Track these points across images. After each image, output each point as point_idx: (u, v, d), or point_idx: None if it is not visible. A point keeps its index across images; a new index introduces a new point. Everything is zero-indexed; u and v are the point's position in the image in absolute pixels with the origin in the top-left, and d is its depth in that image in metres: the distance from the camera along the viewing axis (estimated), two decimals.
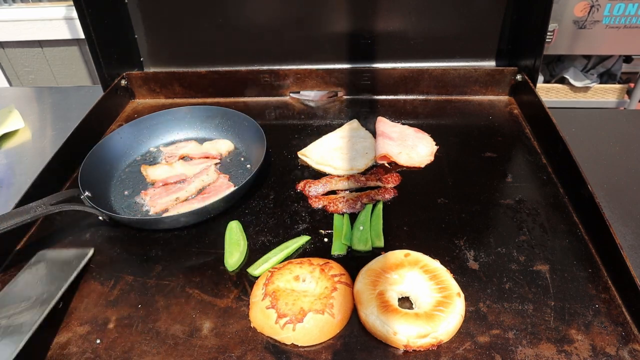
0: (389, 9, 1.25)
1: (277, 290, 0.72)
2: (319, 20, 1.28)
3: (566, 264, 0.79)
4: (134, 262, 0.85)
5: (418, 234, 0.86)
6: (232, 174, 1.04)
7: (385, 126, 1.14)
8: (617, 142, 1.13)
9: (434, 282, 0.72)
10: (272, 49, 1.34)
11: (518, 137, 1.12)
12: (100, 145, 1.04)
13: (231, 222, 0.89)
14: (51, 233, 0.91)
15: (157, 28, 1.34)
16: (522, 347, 0.66)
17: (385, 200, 0.94)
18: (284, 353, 0.67)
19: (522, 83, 1.23)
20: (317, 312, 0.68)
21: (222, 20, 1.30)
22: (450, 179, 1.00)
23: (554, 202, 0.92)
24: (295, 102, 1.32)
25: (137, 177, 1.05)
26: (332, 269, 0.75)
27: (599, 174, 1.02)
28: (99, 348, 0.70)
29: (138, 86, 1.35)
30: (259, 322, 0.70)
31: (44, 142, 1.26)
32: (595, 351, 0.66)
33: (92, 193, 0.92)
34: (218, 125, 1.16)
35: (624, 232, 0.88)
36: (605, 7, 2.11)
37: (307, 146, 1.10)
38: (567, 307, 0.72)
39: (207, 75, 1.32)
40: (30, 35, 2.40)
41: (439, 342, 0.66)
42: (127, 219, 0.90)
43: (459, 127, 1.18)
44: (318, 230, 0.88)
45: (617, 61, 2.48)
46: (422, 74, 1.27)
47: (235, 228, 0.88)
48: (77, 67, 2.55)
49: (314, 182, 0.99)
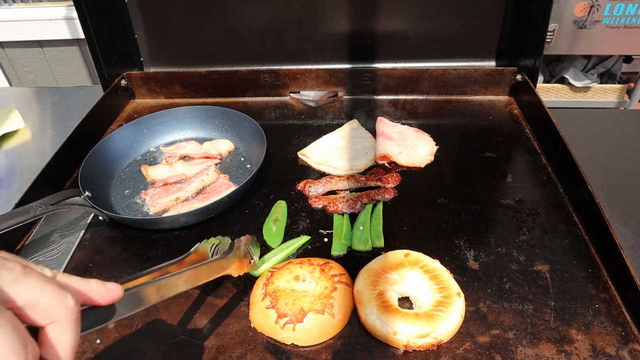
0: (389, 9, 1.25)
1: (277, 290, 0.72)
2: (319, 20, 1.28)
3: (566, 264, 0.79)
4: (134, 262, 0.85)
5: (418, 234, 0.86)
6: (232, 174, 1.04)
7: (385, 126, 1.14)
8: (617, 142, 1.13)
9: (434, 282, 0.72)
10: (272, 49, 1.34)
11: (518, 137, 1.12)
12: (100, 145, 1.04)
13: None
14: (51, 233, 0.91)
15: (157, 28, 1.34)
16: (522, 347, 0.66)
17: (385, 200, 0.94)
18: (284, 353, 0.67)
19: (522, 83, 1.23)
20: (317, 312, 0.68)
21: (223, 20, 1.30)
22: (450, 179, 1.00)
23: (554, 202, 0.92)
24: (295, 102, 1.32)
25: (137, 177, 1.05)
26: (332, 269, 0.75)
27: (599, 174, 1.02)
28: (99, 348, 0.70)
29: (138, 86, 1.35)
30: (259, 322, 0.70)
31: (44, 142, 1.26)
32: (595, 351, 0.66)
33: (92, 193, 0.92)
34: (218, 125, 1.16)
35: (624, 232, 0.88)
36: (605, 7, 2.11)
37: (307, 146, 1.10)
38: (567, 307, 0.72)
39: (207, 75, 1.32)
40: (30, 35, 2.39)
41: (439, 342, 0.66)
42: (127, 219, 0.90)
43: (459, 127, 1.18)
44: (318, 230, 0.88)
45: (617, 61, 2.48)
46: (422, 74, 1.27)
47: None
48: (77, 67, 2.55)
49: (314, 182, 0.99)
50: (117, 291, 0.42)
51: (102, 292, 0.41)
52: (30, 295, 0.34)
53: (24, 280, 0.34)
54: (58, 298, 0.35)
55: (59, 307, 0.35)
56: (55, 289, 0.35)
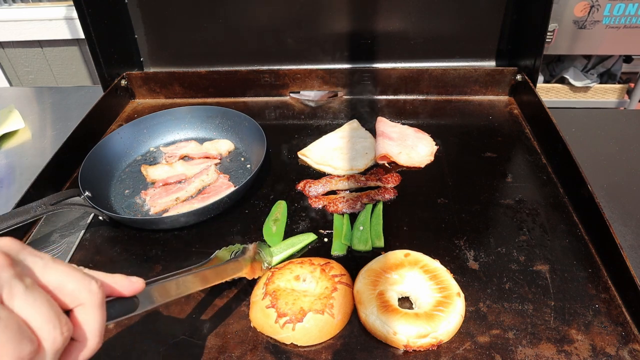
0: (389, 9, 1.25)
1: (278, 289, 0.72)
2: (319, 20, 1.28)
3: (566, 264, 0.79)
4: (134, 262, 0.85)
5: (418, 234, 0.86)
6: (232, 174, 1.04)
7: (385, 126, 1.14)
8: (617, 142, 1.13)
9: (434, 282, 0.72)
10: (272, 49, 1.34)
11: (518, 137, 1.12)
12: (100, 145, 1.04)
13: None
14: (51, 233, 0.91)
15: (157, 28, 1.34)
16: (522, 347, 0.66)
17: (385, 200, 0.94)
18: (284, 353, 0.67)
19: (522, 83, 1.23)
20: (317, 312, 0.68)
21: (223, 20, 1.30)
22: (450, 179, 1.00)
23: (554, 202, 0.92)
24: (295, 102, 1.32)
25: (137, 177, 1.05)
26: (332, 269, 0.75)
27: (599, 174, 1.02)
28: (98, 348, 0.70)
29: (138, 86, 1.35)
30: (259, 321, 0.70)
31: (44, 142, 1.26)
32: (595, 351, 0.66)
33: (92, 193, 0.92)
34: (218, 125, 1.16)
35: (624, 232, 0.88)
36: (605, 7, 2.11)
37: (307, 146, 1.10)
38: (567, 307, 0.72)
39: (207, 75, 1.32)
40: (30, 35, 2.40)
41: (439, 342, 0.66)
42: (127, 219, 0.90)
43: (459, 127, 1.18)
44: (318, 230, 0.88)
45: (617, 61, 2.48)
46: (422, 74, 1.27)
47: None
48: (77, 67, 2.55)
49: (314, 182, 0.99)
50: (139, 283, 0.46)
51: (125, 283, 0.45)
52: (59, 280, 0.38)
53: (53, 266, 0.38)
54: (83, 283, 0.39)
55: (84, 291, 0.39)
56: (81, 275, 0.39)
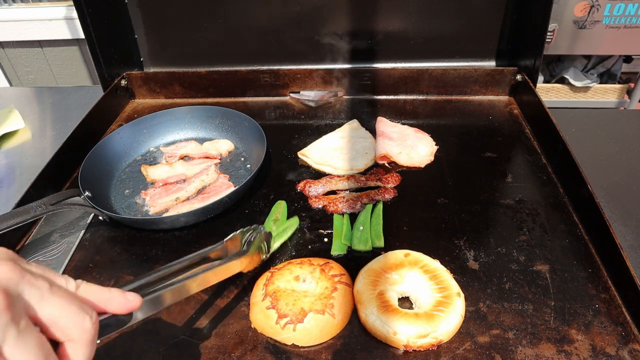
0: (389, 9, 1.25)
1: (278, 290, 0.72)
2: (319, 20, 1.28)
3: (566, 264, 0.79)
4: (134, 262, 0.85)
5: (418, 234, 0.86)
6: (232, 174, 1.04)
7: (385, 126, 1.14)
8: (617, 142, 1.13)
9: (434, 282, 0.72)
10: (272, 49, 1.34)
11: (518, 137, 1.12)
12: (100, 145, 1.04)
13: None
14: (51, 233, 0.91)
15: (157, 28, 1.34)
16: (522, 347, 0.66)
17: (385, 200, 0.94)
18: (284, 353, 0.67)
19: (522, 83, 1.23)
20: (318, 312, 0.68)
21: (223, 20, 1.30)
22: (450, 179, 1.00)
23: (554, 202, 0.92)
24: (295, 102, 1.32)
25: (137, 177, 1.05)
26: (332, 269, 0.75)
27: (599, 174, 1.02)
28: (98, 348, 0.69)
29: (138, 86, 1.35)
30: (260, 322, 0.70)
31: (44, 142, 1.26)
32: (595, 351, 0.66)
33: (92, 193, 0.92)
34: (218, 125, 1.16)
35: (624, 232, 0.88)
36: (605, 7, 2.11)
37: (307, 146, 1.10)
38: (567, 307, 0.72)
39: (207, 75, 1.32)
40: (30, 35, 2.39)
41: (439, 342, 0.66)
42: (127, 219, 0.90)
43: (459, 127, 1.18)
44: (318, 230, 0.88)
45: (617, 61, 2.48)
46: (422, 74, 1.27)
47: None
48: (77, 67, 2.55)
49: (314, 182, 0.99)
50: (136, 301, 0.46)
51: (122, 302, 0.45)
52: (53, 315, 0.37)
53: (49, 299, 0.37)
54: (77, 320, 0.38)
55: (76, 329, 0.38)
56: (76, 310, 0.39)
